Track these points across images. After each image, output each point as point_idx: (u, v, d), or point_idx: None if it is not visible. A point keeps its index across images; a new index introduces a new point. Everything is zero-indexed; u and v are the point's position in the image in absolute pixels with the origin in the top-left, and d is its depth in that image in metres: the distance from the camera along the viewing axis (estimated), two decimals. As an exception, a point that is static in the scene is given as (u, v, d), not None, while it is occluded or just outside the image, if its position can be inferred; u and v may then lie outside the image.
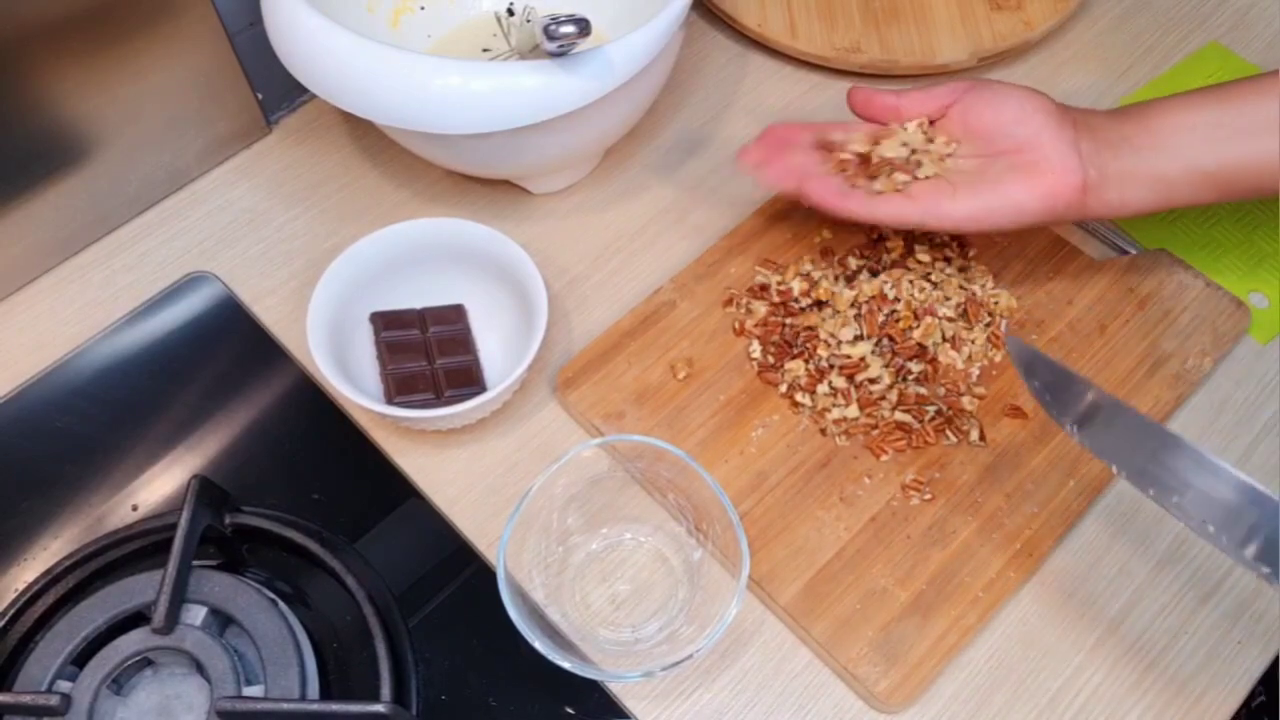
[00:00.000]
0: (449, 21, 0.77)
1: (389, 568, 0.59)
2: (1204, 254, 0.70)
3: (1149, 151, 0.59)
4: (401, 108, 0.60)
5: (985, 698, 0.56)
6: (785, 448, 0.62)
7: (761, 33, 0.78)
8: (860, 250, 0.68)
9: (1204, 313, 0.66)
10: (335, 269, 0.62)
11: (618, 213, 0.73)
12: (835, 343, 0.62)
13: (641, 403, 0.63)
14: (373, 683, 0.54)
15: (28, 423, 0.64)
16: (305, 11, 0.60)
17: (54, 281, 0.70)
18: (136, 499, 0.62)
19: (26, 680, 0.52)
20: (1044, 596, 0.59)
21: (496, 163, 0.67)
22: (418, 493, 0.62)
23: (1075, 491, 0.61)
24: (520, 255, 0.63)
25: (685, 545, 0.60)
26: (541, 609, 0.57)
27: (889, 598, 0.57)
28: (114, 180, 0.69)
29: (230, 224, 0.72)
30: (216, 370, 0.66)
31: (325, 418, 0.64)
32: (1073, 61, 0.80)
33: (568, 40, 0.57)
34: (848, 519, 0.60)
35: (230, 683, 0.52)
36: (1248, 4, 0.83)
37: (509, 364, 0.64)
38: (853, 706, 0.56)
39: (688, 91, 0.78)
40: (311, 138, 0.76)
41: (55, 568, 0.57)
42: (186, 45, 0.66)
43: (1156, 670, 0.57)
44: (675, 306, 0.67)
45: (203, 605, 0.55)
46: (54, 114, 0.63)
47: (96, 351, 0.67)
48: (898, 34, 0.78)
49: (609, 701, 0.56)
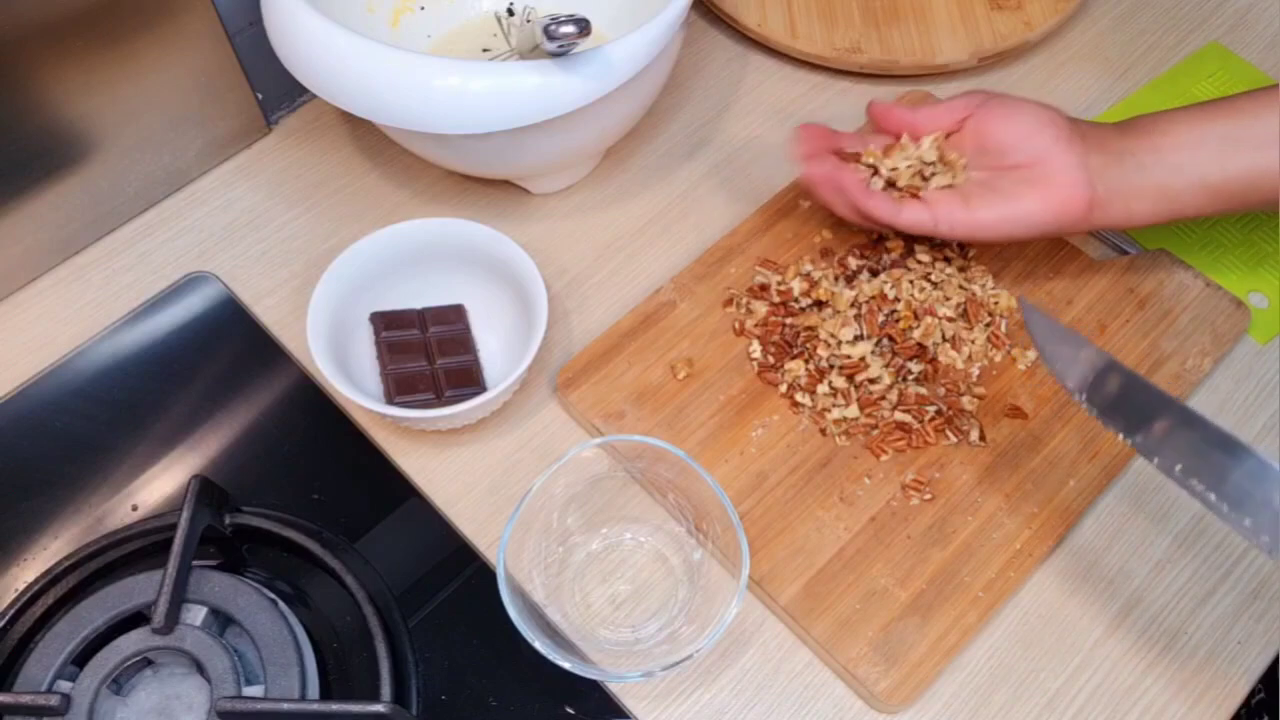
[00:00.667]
0: (449, 21, 0.77)
1: (389, 568, 0.59)
2: (1204, 254, 0.70)
3: (1155, 167, 0.60)
4: (401, 108, 0.60)
5: (985, 698, 0.56)
6: (785, 448, 0.62)
7: (761, 33, 0.78)
8: (860, 250, 0.68)
9: (1204, 313, 0.66)
10: (335, 269, 0.62)
11: (618, 213, 0.73)
12: (835, 343, 0.62)
13: (641, 403, 0.63)
14: (373, 683, 0.55)
15: (28, 423, 0.64)
16: (305, 11, 0.60)
17: (54, 281, 0.70)
18: (136, 499, 0.62)
19: (26, 680, 0.52)
20: (1044, 596, 0.59)
21: (496, 163, 0.67)
22: (418, 493, 0.62)
23: (1075, 491, 0.61)
24: (520, 255, 0.63)
25: (685, 545, 0.60)
26: (541, 609, 0.57)
27: (889, 598, 0.57)
28: (114, 180, 0.69)
29: (230, 224, 0.72)
30: (216, 370, 0.66)
31: (325, 418, 0.64)
32: (1073, 61, 0.80)
33: (568, 40, 0.57)
34: (848, 519, 0.60)
35: (230, 683, 0.52)
36: (1248, 4, 0.83)
37: (509, 364, 0.64)
38: (853, 706, 0.56)
39: (688, 91, 0.78)
40: (311, 138, 0.76)
41: (55, 568, 0.57)
42: (186, 45, 0.66)
43: (1157, 670, 0.57)
44: (675, 306, 0.67)
45: (203, 605, 0.55)
46: (54, 114, 0.63)
47: (96, 351, 0.67)
48: (898, 34, 0.78)
49: (609, 701, 0.56)
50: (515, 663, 0.56)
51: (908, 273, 0.65)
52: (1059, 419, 0.63)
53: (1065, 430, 0.62)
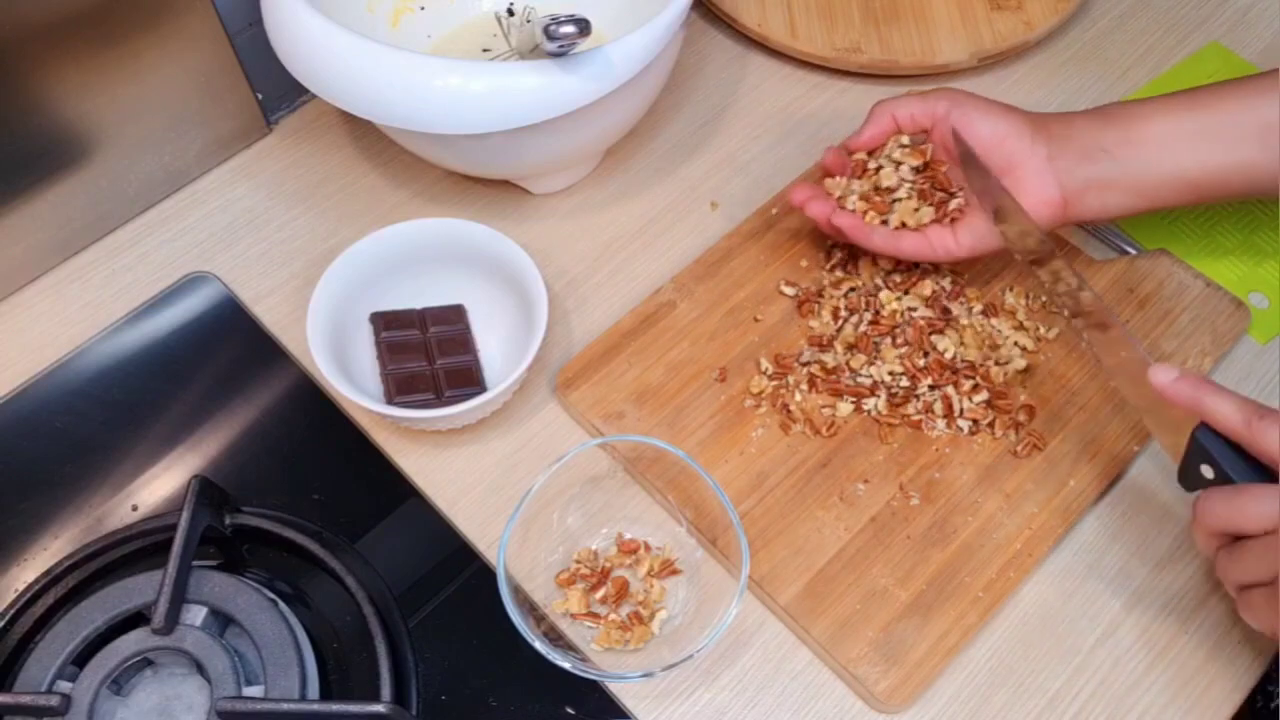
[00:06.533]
0: (449, 21, 0.77)
1: (389, 568, 0.59)
2: (1204, 254, 0.70)
3: (1131, 162, 0.60)
4: (401, 108, 0.60)
5: (985, 698, 0.56)
6: (785, 448, 0.62)
7: (761, 33, 0.78)
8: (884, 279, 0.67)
9: (1204, 313, 0.66)
10: (335, 269, 0.62)
11: (618, 213, 0.73)
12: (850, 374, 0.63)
13: (641, 403, 0.63)
14: (373, 683, 0.54)
15: (28, 423, 0.64)
16: (305, 11, 0.60)
17: (54, 281, 0.70)
18: (136, 499, 0.62)
19: (26, 680, 0.52)
20: (1044, 596, 0.59)
21: (496, 163, 0.67)
22: (418, 493, 0.62)
23: (1075, 491, 0.61)
24: (520, 255, 0.63)
25: (685, 545, 0.60)
26: (542, 609, 0.57)
27: (889, 598, 0.57)
28: (114, 180, 0.69)
29: (230, 224, 0.72)
30: (216, 370, 0.66)
31: (325, 418, 0.64)
32: (1073, 61, 0.80)
33: (568, 40, 0.57)
34: (848, 519, 0.60)
35: (230, 683, 0.52)
36: (1248, 4, 0.83)
37: (509, 364, 0.64)
38: (853, 707, 0.56)
39: (688, 91, 0.78)
40: (311, 138, 0.76)
41: (55, 568, 0.57)
42: (186, 45, 0.66)
43: (1157, 670, 0.57)
44: (675, 306, 0.67)
45: (203, 605, 0.55)
46: (54, 114, 0.63)
47: (96, 351, 0.67)
48: (898, 34, 0.78)
49: (609, 701, 0.56)
50: (515, 663, 0.56)
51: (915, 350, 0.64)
52: (1059, 419, 0.63)
53: (1065, 430, 0.62)
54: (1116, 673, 0.57)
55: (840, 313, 0.65)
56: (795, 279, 0.67)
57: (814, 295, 0.66)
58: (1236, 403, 0.50)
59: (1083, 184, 0.60)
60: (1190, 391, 0.52)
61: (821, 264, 0.68)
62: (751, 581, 0.58)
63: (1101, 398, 0.63)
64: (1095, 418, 0.63)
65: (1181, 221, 0.72)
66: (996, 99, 0.63)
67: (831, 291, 0.66)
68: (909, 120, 0.64)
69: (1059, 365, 0.65)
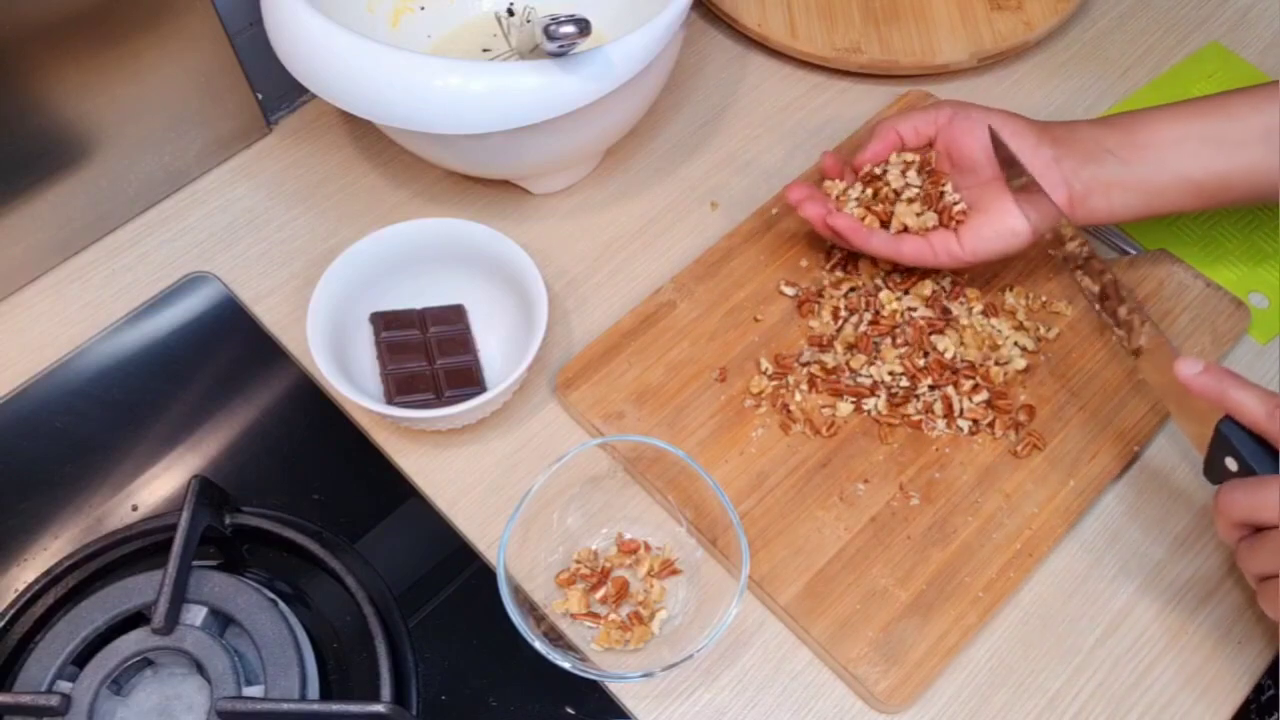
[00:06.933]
0: (449, 21, 0.77)
1: (389, 568, 0.59)
2: (1204, 254, 0.70)
3: (1137, 164, 0.61)
4: (401, 108, 0.60)
5: (985, 698, 0.56)
6: (785, 448, 0.62)
7: (761, 33, 0.78)
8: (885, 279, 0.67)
9: (1204, 313, 0.66)
10: (335, 269, 0.62)
11: (618, 213, 0.73)
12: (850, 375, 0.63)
13: (641, 403, 0.63)
14: (373, 683, 0.54)
15: (28, 423, 0.64)
16: (305, 11, 0.60)
17: (54, 281, 0.70)
18: (136, 499, 0.62)
19: (26, 680, 0.52)
20: (1044, 596, 0.59)
21: (496, 163, 0.67)
22: (418, 493, 0.62)
23: (1075, 491, 0.61)
24: (520, 255, 0.63)
25: (685, 545, 0.60)
26: (542, 609, 0.57)
27: (889, 598, 0.57)
28: (114, 180, 0.69)
29: (230, 224, 0.72)
30: (216, 370, 0.66)
31: (325, 418, 0.64)
32: (1073, 61, 0.80)
33: (568, 40, 0.57)
34: (848, 519, 0.60)
35: (230, 683, 0.52)
36: (1248, 4, 0.83)
37: (509, 364, 0.64)
38: (853, 707, 0.56)
39: (688, 91, 0.78)
40: (311, 138, 0.76)
41: (55, 568, 0.57)
42: (186, 45, 0.66)
43: (1157, 670, 0.57)
44: (675, 306, 0.67)
45: (203, 605, 0.55)
46: (54, 114, 0.63)
47: (96, 351, 0.67)
48: (898, 34, 0.78)
49: (609, 701, 0.56)
50: (515, 663, 0.56)
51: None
52: (1059, 419, 0.63)
53: (1065, 430, 0.62)
54: (1116, 673, 0.57)
55: (840, 313, 0.65)
56: (795, 279, 0.68)
57: (814, 295, 0.66)
58: (1260, 395, 0.51)
59: (1088, 185, 0.61)
60: (1214, 384, 0.52)
61: (821, 264, 0.68)
62: (751, 581, 0.58)
63: (1102, 398, 0.63)
64: (1096, 418, 0.63)
65: (1182, 222, 0.72)
66: (997, 99, 0.64)
67: (831, 291, 0.66)
68: (913, 134, 0.64)
69: (1059, 365, 0.65)
